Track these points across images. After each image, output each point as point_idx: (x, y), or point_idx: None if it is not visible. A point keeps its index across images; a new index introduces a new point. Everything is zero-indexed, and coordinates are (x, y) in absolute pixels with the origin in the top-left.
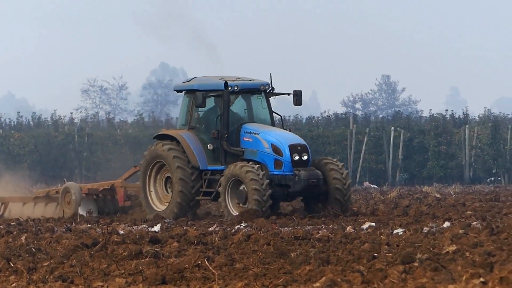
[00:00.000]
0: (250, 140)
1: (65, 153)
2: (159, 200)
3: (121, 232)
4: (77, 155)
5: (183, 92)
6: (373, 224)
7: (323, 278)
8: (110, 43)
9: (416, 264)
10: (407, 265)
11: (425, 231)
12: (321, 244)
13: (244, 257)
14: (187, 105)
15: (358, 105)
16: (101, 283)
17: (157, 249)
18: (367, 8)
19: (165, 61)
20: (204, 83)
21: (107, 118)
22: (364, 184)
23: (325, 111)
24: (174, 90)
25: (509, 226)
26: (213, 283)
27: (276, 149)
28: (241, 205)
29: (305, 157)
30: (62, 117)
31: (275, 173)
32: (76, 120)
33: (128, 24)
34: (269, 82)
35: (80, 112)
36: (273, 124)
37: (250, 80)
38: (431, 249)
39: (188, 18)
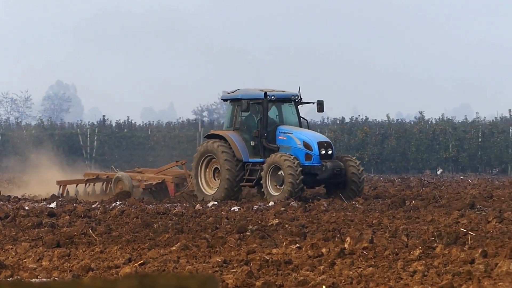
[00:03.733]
0: (285, 138)
1: None
2: (208, 186)
3: (26, 208)
4: None
5: (228, 100)
6: (216, 203)
7: (178, 243)
8: (20, 62)
9: (248, 233)
10: (241, 234)
11: (255, 208)
12: (177, 218)
13: (119, 227)
14: (231, 111)
15: (205, 113)
16: (11, 246)
17: (53, 221)
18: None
19: (60, 79)
20: (247, 93)
21: (16, 122)
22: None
23: (180, 118)
24: (221, 99)
25: (318, 205)
26: (95, 246)
27: (307, 145)
28: (278, 187)
29: (330, 152)
30: None
31: (306, 164)
32: None
33: (29, 45)
34: (298, 93)
35: None
36: (300, 126)
37: (283, 91)
38: (260, 222)
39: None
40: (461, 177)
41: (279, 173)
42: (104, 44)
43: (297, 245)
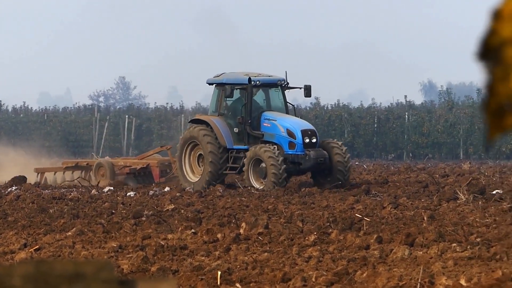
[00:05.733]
0: (269, 125)
1: None
2: (192, 173)
3: None
4: None
5: (214, 85)
6: (112, 188)
7: (74, 229)
8: None
9: (144, 218)
10: (137, 219)
11: (151, 193)
12: (72, 203)
13: (15, 212)
14: (216, 95)
15: (101, 99)
16: None
17: None
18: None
19: None
20: (232, 77)
21: None
22: (106, 157)
23: (76, 103)
24: (207, 83)
25: (214, 191)
26: None
27: (290, 133)
28: (261, 180)
29: (314, 140)
30: None
31: (289, 152)
32: None
33: None
34: (285, 78)
35: None
36: (287, 112)
37: (269, 76)
38: (155, 207)
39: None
40: (357, 163)
41: (261, 165)
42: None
43: (193, 230)
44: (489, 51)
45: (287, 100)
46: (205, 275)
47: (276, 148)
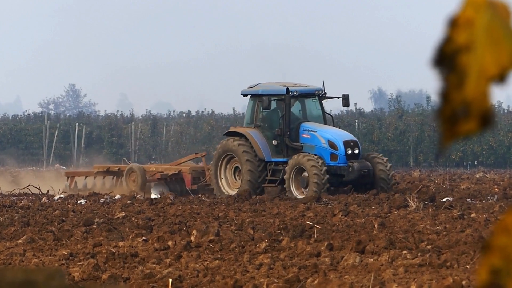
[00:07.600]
0: (309, 136)
1: None
2: (228, 186)
3: None
4: None
5: (248, 96)
6: (63, 195)
7: (24, 236)
8: None
9: (94, 226)
10: (88, 227)
11: (102, 201)
12: (23, 211)
13: None
14: (252, 107)
15: (51, 106)
16: None
17: None
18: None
19: None
20: (268, 88)
21: None
22: (56, 165)
23: (26, 111)
24: (241, 94)
25: (165, 198)
26: None
27: (332, 145)
28: (303, 189)
29: (357, 151)
30: None
31: (331, 164)
32: None
33: None
34: (322, 87)
35: None
36: (325, 122)
37: (306, 86)
38: (106, 215)
39: None
40: None
41: (303, 174)
42: None
43: (144, 238)
44: (444, 58)
45: (325, 110)
46: (156, 282)
47: (319, 158)
